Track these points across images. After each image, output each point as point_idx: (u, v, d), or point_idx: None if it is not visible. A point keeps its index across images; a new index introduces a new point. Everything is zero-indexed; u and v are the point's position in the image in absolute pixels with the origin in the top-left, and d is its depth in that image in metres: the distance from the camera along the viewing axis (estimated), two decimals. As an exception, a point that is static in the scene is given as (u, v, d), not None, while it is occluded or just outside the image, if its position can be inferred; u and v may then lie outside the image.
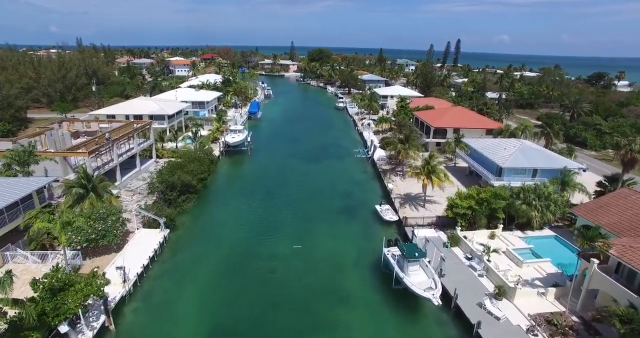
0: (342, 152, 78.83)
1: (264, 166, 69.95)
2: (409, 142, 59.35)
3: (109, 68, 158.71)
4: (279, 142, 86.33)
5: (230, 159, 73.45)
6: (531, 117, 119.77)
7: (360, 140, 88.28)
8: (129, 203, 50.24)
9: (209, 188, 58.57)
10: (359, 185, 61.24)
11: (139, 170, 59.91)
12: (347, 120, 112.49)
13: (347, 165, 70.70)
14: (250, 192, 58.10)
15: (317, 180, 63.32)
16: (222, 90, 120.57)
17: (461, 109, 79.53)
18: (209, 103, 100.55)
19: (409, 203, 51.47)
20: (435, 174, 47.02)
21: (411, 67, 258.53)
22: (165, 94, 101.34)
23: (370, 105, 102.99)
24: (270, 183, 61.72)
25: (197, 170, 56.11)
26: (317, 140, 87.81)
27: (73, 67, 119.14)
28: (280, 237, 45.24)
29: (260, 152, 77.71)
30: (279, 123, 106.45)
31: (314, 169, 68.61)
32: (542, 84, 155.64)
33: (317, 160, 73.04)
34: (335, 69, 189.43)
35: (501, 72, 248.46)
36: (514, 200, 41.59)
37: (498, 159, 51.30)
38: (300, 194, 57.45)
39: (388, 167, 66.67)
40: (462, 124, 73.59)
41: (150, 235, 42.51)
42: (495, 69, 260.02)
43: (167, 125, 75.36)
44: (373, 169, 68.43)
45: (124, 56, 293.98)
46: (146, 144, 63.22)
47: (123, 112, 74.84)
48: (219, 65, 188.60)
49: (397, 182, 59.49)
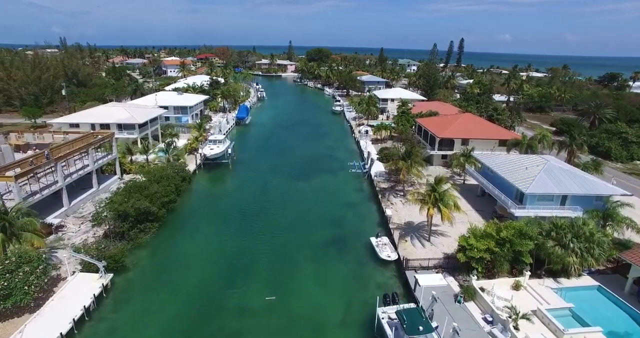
0: (335, 165, 70.03)
1: (245, 183, 61.24)
2: (411, 158, 50.55)
3: (92, 69, 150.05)
4: (266, 152, 77.62)
5: (208, 174, 64.79)
6: (543, 123, 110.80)
7: (357, 150, 79.49)
8: (74, 235, 41.70)
9: (177, 212, 49.90)
10: (353, 208, 52.45)
11: (96, 191, 51.36)
12: (344, 126, 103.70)
13: (340, 183, 61.89)
14: (224, 218, 49.46)
15: (305, 201, 54.60)
16: (209, 93, 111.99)
17: (470, 116, 70.69)
18: (192, 108, 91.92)
19: (411, 236, 42.71)
20: (444, 203, 38.26)
21: (413, 68, 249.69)
22: (145, 99, 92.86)
23: (369, 110, 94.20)
24: (250, 206, 53.03)
25: (161, 192, 47.59)
26: (309, 150, 79.08)
27: (50, 67, 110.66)
28: (254, 281, 36.64)
29: (243, 166, 69.03)
30: (269, 129, 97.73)
31: (301, 187, 59.87)
32: (552, 85, 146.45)
33: (307, 175, 64.29)
34: (333, 69, 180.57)
35: (506, 73, 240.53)
36: (545, 241, 32.81)
37: (519, 181, 42.46)
38: (283, 220, 48.81)
39: (387, 185, 57.90)
40: (471, 133, 64.76)
41: (89, 281, 33.94)
42: (501, 70, 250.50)
43: (138, 135, 66.73)
44: (370, 187, 59.64)
45: (118, 56, 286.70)
46: (107, 158, 54.62)
47: (88, 120, 66.27)
48: (211, 65, 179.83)
49: (396, 205, 50.69)
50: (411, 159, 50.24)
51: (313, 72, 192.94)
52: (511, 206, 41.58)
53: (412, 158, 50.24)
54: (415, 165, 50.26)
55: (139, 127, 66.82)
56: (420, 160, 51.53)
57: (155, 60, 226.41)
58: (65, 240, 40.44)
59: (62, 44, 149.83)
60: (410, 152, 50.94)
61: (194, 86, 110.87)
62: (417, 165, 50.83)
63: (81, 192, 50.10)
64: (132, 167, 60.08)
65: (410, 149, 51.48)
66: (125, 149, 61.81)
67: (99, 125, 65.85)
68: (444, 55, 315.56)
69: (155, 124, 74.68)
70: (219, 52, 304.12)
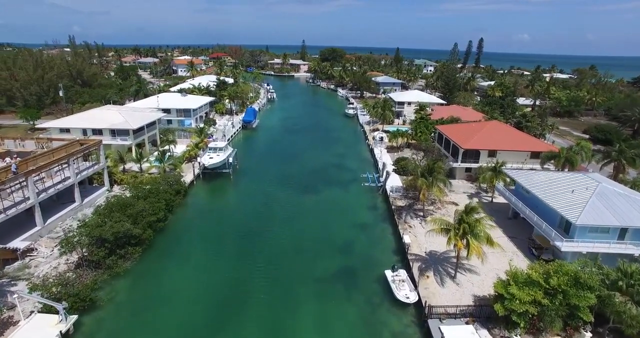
0: (346, 176, 63.65)
1: (246, 197, 55.41)
2: (433, 175, 43.85)
3: (98, 68, 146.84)
4: (272, 160, 71.69)
5: (207, 186, 59.18)
6: (573, 129, 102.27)
7: (371, 159, 72.91)
8: (45, 261, 36.40)
9: (166, 232, 44.31)
10: (365, 231, 46.04)
11: (79, 206, 46.13)
12: (357, 131, 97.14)
13: (352, 198, 55.48)
14: (219, 240, 43.66)
15: (311, 221, 48.41)
16: (215, 95, 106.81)
17: (497, 125, 63.41)
18: (196, 110, 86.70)
19: (434, 270, 36.14)
20: (474, 236, 31.59)
21: (430, 68, 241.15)
22: (147, 100, 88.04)
23: (384, 115, 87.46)
24: (249, 225, 47.17)
25: (148, 210, 42.08)
26: (319, 158, 72.86)
27: (53, 67, 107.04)
28: (246, 323, 30.74)
29: (246, 175, 63.24)
30: (277, 134, 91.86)
31: (308, 202, 53.71)
32: (581, 88, 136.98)
33: (315, 188, 58.11)
34: (347, 69, 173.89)
35: (527, 74, 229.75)
36: (611, 295, 25.90)
37: (565, 208, 35.45)
38: (285, 244, 42.77)
39: (404, 202, 51.30)
40: (499, 144, 57.59)
41: (47, 326, 28.42)
42: (522, 71, 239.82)
43: (132, 142, 61.53)
44: (384, 204, 53.11)
45: (130, 55, 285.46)
46: (93, 169, 49.41)
47: (79, 125, 61.35)
48: (220, 65, 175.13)
49: (415, 228, 44.08)
50: (433, 176, 43.47)
51: (326, 72, 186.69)
52: (556, 238, 34.60)
53: (434, 175, 43.47)
54: (437, 182, 43.50)
55: (134, 133, 61.61)
56: (444, 177, 44.74)
57: (165, 60, 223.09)
58: (32, 268, 35.18)
59: (70, 43, 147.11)
60: (432, 168, 44.17)
61: (200, 87, 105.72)
62: (439, 182, 44.06)
63: (61, 207, 44.97)
64: (124, 177, 54.90)
65: (432, 164, 44.67)
66: (118, 157, 56.77)
67: (91, 130, 60.91)
68: (462, 56, 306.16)
69: (154, 128, 69.50)
70: (231, 51, 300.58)
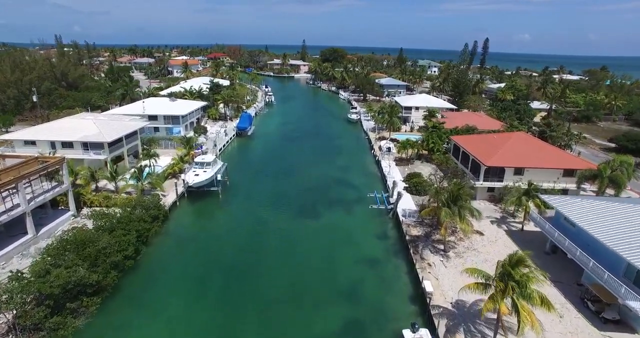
0: (351, 195, 56.06)
1: (235, 223, 47.75)
2: (458, 203, 36.21)
3: (86, 69, 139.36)
4: (267, 174, 64.04)
5: (191, 208, 51.60)
6: (594, 136, 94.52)
7: (378, 173, 65.29)
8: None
9: (136, 271, 36.79)
10: (375, 269, 38.45)
11: (32, 238, 38.60)
12: (361, 139, 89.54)
13: (357, 224, 47.85)
14: (202, 281, 36.11)
15: (310, 255, 40.80)
16: (209, 98, 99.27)
17: (523, 137, 55.72)
18: (185, 117, 79.14)
19: (466, 332, 28.57)
20: (525, 297, 23.98)
21: (434, 69, 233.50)
22: (132, 106, 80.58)
23: (391, 122, 79.86)
24: (237, 259, 39.70)
25: (114, 246, 34.62)
26: (319, 172, 65.26)
27: (35, 68, 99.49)
28: None
29: (237, 194, 55.68)
30: (274, 143, 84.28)
31: (307, 230, 46.08)
32: (598, 90, 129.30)
33: (315, 211, 50.52)
34: (349, 71, 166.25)
35: (536, 75, 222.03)
36: None
37: (634, 254, 27.83)
38: (280, 287, 35.25)
39: (420, 230, 43.71)
40: (528, 160, 50.06)
41: None
42: (530, 72, 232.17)
43: (107, 156, 53.95)
44: (396, 232, 45.52)
45: (125, 56, 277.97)
46: (52, 194, 41.78)
47: (46, 137, 53.80)
48: (216, 66, 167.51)
49: (437, 268, 36.48)
50: (458, 205, 35.83)
51: (327, 73, 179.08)
52: (627, 296, 26.93)
53: (460, 204, 35.83)
54: (464, 210, 35.86)
55: (110, 145, 54.05)
56: (471, 206, 37.06)
57: (161, 60, 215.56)
58: (-46, 331, 27.63)
59: (57, 42, 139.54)
60: (457, 195, 36.50)
61: (192, 91, 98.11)
62: (466, 211, 36.44)
63: (10, 240, 37.44)
64: (95, 199, 47.39)
65: (457, 191, 36.94)
66: (89, 174, 49.25)
67: (60, 143, 53.43)
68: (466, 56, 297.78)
69: (135, 139, 61.93)
70: (230, 51, 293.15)
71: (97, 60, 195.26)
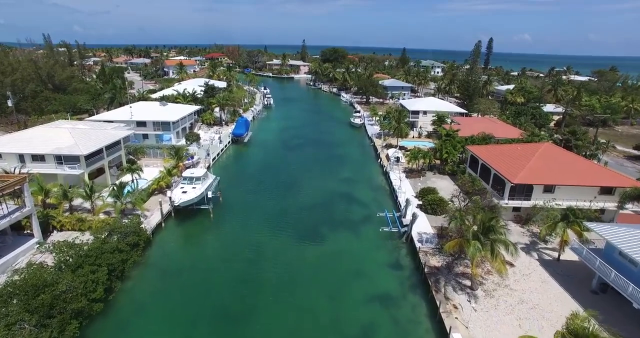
0: (358, 214, 50.04)
1: (227, 250, 41.62)
2: (491, 237, 30.13)
3: (78, 70, 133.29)
4: (264, 189, 57.87)
5: (178, 231, 45.51)
6: (617, 142, 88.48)
7: (386, 186, 59.25)
8: None
9: (107, 316, 30.71)
10: (388, 308, 32.37)
11: (-15, 273, 32.60)
12: (366, 146, 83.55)
13: (367, 251, 41.73)
14: (183, 328, 30.12)
15: (313, 291, 34.73)
16: (203, 102, 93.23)
17: (552, 149, 49.58)
18: (176, 123, 73.16)
19: None
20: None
21: (437, 70, 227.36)
22: (118, 111, 74.58)
23: (399, 128, 73.84)
24: (230, 297, 33.69)
25: (79, 288, 28.66)
26: (321, 186, 59.20)
27: (17, 69, 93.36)
28: None
29: (230, 213, 49.65)
30: (272, 151, 78.19)
31: (309, 258, 40.02)
32: (613, 93, 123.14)
33: (317, 234, 44.51)
34: (351, 72, 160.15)
35: (542, 76, 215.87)
36: None
37: None
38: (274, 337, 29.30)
39: (440, 260, 37.72)
40: (560, 177, 44.09)
41: None
42: (537, 73, 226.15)
43: (84, 170, 47.87)
44: (412, 261, 39.49)
45: (121, 56, 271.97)
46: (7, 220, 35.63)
47: (15, 149, 47.69)
48: (212, 67, 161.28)
49: (463, 312, 30.46)
50: (491, 240, 29.71)
51: (328, 74, 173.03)
52: None
53: (493, 239, 29.72)
54: (497, 248, 29.79)
55: (87, 158, 48.01)
56: (506, 239, 30.93)
57: (157, 61, 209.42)
58: None
59: (45, 42, 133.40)
60: (490, 226, 30.40)
61: (185, 94, 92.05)
62: (500, 245, 30.38)
63: (-44, 279, 31.45)
64: (67, 221, 41.37)
65: (489, 221, 30.80)
66: (61, 193, 43.25)
67: (30, 156, 47.37)
68: (468, 56, 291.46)
69: (118, 149, 55.90)
70: (228, 51, 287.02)
71: (88, 61, 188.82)
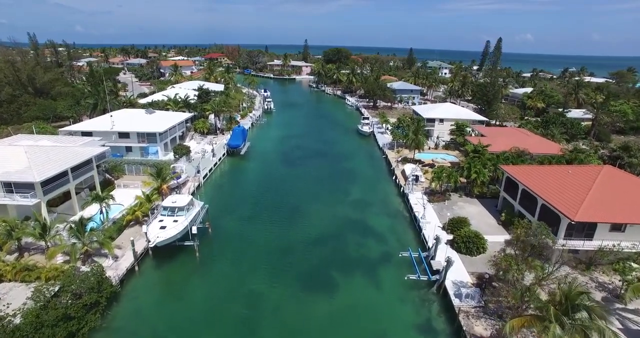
0: (374, 251, 41.21)
1: (212, 307, 32.74)
2: (577, 315, 21.27)
3: (65, 71, 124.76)
4: (261, 216, 48.92)
5: (154, 274, 36.77)
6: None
7: (405, 213, 50.37)
8: None
9: None
10: None
11: None
12: (377, 158, 74.70)
13: (389, 308, 32.87)
14: None
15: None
16: (196, 108, 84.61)
17: (613, 172, 40.52)
18: (163, 134, 64.40)
19: None
20: None
21: (445, 71, 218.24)
22: (98, 120, 66.00)
23: (417, 140, 64.94)
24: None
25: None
26: (329, 213, 50.17)
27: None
28: None
29: (220, 251, 40.87)
30: (272, 166, 69.35)
31: (316, 316, 31.20)
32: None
33: (326, 281, 35.72)
34: (356, 73, 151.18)
35: (555, 77, 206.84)
36: None
37: None
38: None
39: (486, 325, 28.92)
40: (634, 212, 35.20)
41: None
42: (550, 74, 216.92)
43: (40, 199, 39.19)
44: (447, 323, 30.63)
45: (117, 56, 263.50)
46: None
47: (-44, 173, 39.09)
48: (210, 68, 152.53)
49: None
50: (577, 321, 20.90)
51: (331, 76, 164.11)
52: None
53: (584, 324, 20.91)
54: (591, 334, 20.99)
55: (44, 185, 39.35)
56: (605, 327, 21.96)
57: (153, 61, 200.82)
58: None
59: (30, 42, 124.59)
60: (580, 306, 21.50)
61: (176, 100, 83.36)
62: (594, 333, 21.51)
63: None
64: (8, 270, 32.65)
65: (577, 296, 21.84)
66: (4, 232, 34.64)
67: (-25, 182, 38.75)
68: (474, 56, 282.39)
69: (88, 169, 47.19)
70: (228, 51, 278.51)
71: (79, 62, 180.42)
